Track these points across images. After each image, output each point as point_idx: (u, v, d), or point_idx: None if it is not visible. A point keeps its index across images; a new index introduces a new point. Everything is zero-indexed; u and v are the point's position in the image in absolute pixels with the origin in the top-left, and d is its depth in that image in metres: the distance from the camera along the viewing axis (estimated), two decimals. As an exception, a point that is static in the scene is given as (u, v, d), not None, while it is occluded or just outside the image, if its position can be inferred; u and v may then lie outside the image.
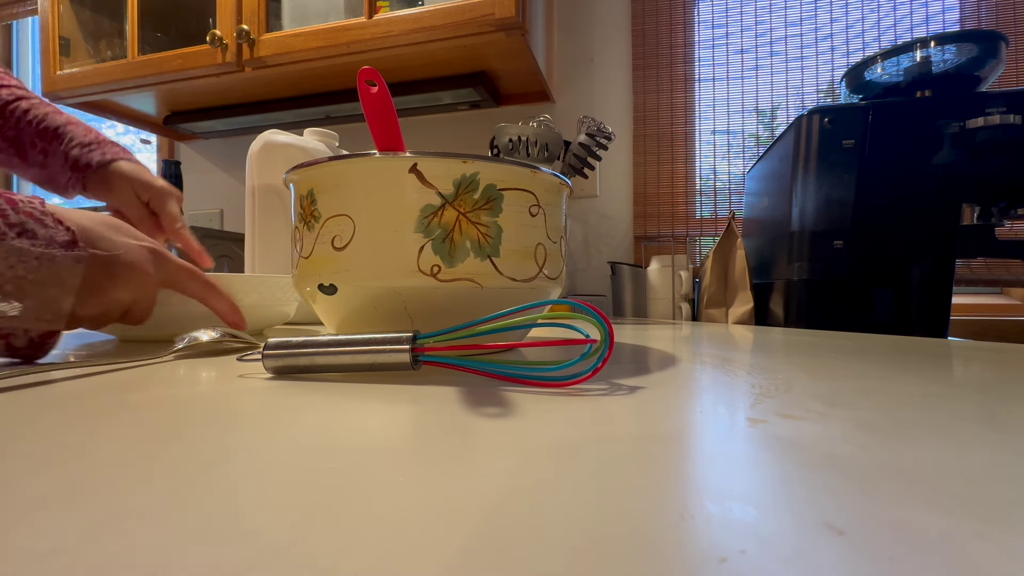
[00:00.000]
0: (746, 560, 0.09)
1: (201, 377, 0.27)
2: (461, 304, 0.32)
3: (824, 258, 0.75)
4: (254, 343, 0.38)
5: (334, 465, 0.14)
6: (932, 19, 1.09)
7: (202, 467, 0.14)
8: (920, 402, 0.22)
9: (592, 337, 0.24)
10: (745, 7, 1.19)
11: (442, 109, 1.27)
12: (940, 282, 0.71)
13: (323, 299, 0.33)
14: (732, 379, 0.27)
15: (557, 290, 0.36)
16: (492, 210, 0.31)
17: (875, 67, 0.80)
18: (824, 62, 1.14)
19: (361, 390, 0.24)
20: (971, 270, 0.97)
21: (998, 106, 0.68)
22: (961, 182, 0.71)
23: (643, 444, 0.16)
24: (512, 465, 0.14)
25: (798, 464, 0.14)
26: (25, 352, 0.31)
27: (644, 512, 0.11)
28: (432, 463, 0.14)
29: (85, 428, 0.17)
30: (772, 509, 0.11)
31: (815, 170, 0.75)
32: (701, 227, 1.21)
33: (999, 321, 0.97)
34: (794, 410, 0.20)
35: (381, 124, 0.33)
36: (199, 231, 1.12)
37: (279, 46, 1.05)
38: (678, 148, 1.21)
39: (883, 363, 0.33)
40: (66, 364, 0.28)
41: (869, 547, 0.09)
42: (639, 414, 0.19)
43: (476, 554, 0.09)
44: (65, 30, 1.25)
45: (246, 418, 0.19)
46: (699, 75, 1.21)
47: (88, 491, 0.12)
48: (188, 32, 1.21)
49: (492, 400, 0.22)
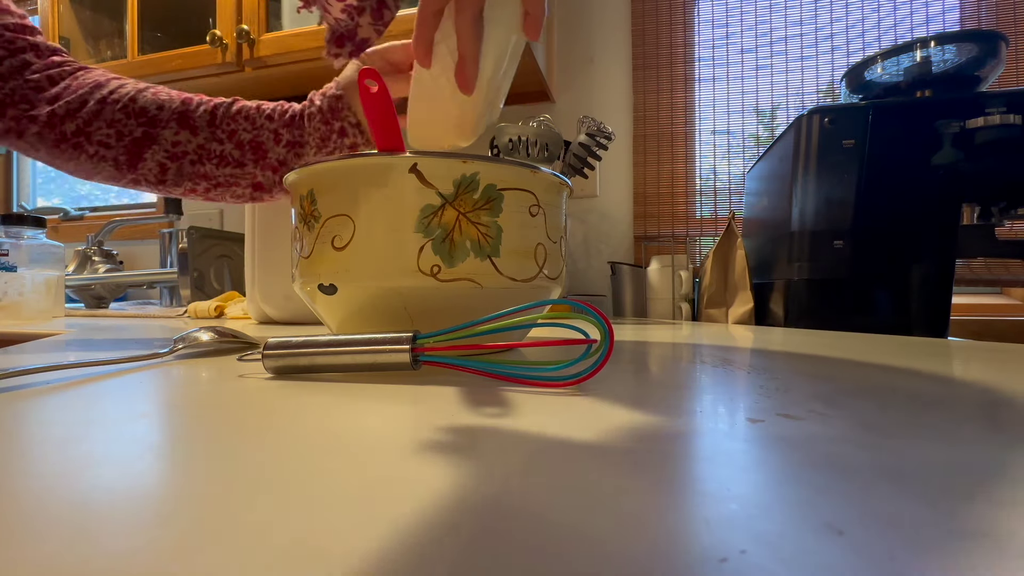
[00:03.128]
0: (746, 560, 0.09)
1: (201, 377, 0.27)
2: (461, 304, 0.32)
3: (824, 258, 0.74)
4: (254, 343, 0.38)
5: (334, 465, 0.14)
6: (932, 19, 1.09)
7: (202, 467, 0.14)
8: (920, 402, 0.22)
9: (592, 337, 0.24)
10: (745, 7, 1.19)
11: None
12: (940, 282, 0.71)
13: (323, 299, 0.33)
14: (732, 379, 0.27)
15: (557, 290, 0.36)
16: (492, 210, 0.31)
17: (875, 67, 0.80)
18: (824, 62, 1.14)
19: (361, 390, 0.24)
20: (971, 270, 0.97)
21: (998, 106, 0.68)
22: (961, 182, 0.71)
23: (643, 444, 0.16)
24: (512, 465, 0.14)
25: (798, 464, 0.14)
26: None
27: (644, 512, 0.11)
28: (432, 463, 0.14)
29: (86, 428, 0.17)
30: (772, 509, 0.11)
31: (815, 170, 0.75)
32: (701, 227, 1.21)
33: (999, 321, 0.97)
34: (794, 410, 0.20)
35: (381, 124, 0.33)
36: (199, 231, 1.12)
37: (279, 46, 1.05)
38: (678, 148, 1.21)
39: (883, 363, 0.33)
40: (66, 364, 0.28)
41: (869, 547, 0.09)
42: (639, 414, 0.19)
43: (476, 554, 0.09)
44: (65, 30, 1.25)
45: (246, 418, 0.19)
46: (699, 75, 1.21)
47: (107, 488, 0.12)
48: (188, 32, 1.21)
49: (492, 400, 0.22)
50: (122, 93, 0.48)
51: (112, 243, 1.55)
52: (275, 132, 0.49)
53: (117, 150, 0.47)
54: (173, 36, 1.24)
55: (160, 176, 0.49)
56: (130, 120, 0.47)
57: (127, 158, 0.48)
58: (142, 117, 0.47)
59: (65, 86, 0.47)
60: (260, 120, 0.49)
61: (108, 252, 1.37)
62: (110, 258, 1.37)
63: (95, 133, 0.47)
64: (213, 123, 0.48)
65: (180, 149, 0.48)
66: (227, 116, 0.49)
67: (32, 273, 0.85)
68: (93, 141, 0.47)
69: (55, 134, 0.46)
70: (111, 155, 0.47)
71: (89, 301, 1.28)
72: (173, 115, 0.48)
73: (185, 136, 0.48)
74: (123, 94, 0.48)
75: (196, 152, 0.48)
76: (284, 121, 0.49)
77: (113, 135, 0.47)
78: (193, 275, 1.09)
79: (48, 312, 0.87)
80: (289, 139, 0.49)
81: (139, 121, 0.47)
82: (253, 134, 0.49)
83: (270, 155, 0.49)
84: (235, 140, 0.49)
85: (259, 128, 0.49)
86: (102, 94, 0.47)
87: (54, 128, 0.46)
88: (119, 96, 0.48)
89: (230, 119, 0.49)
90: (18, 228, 0.86)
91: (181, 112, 0.48)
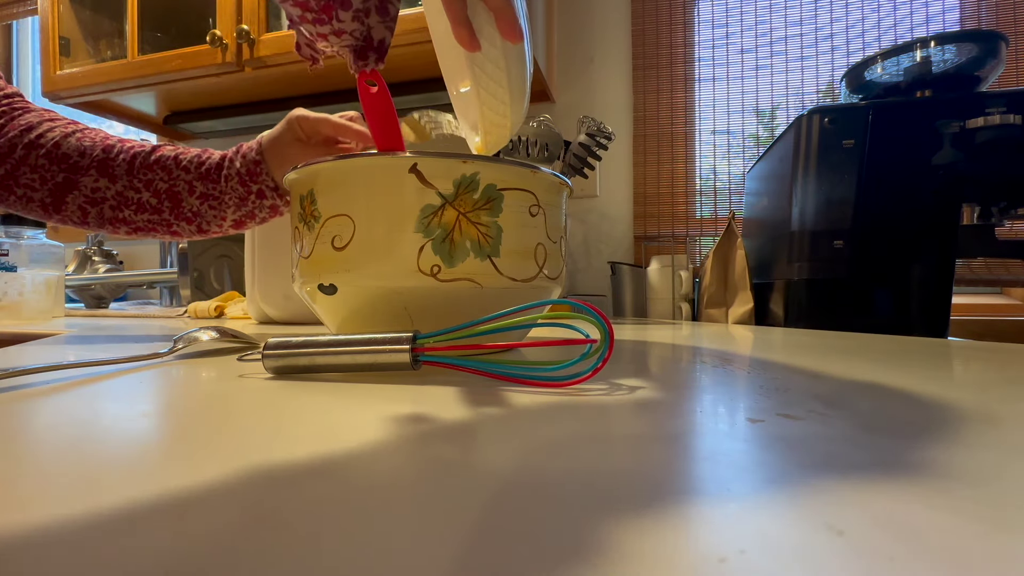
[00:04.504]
0: (746, 560, 0.09)
1: (201, 377, 0.27)
2: (461, 304, 0.32)
3: (824, 258, 0.74)
4: (254, 343, 0.38)
5: (334, 465, 0.14)
6: (932, 19, 1.09)
7: (202, 467, 0.14)
8: (920, 402, 0.22)
9: (592, 337, 0.24)
10: (745, 7, 1.18)
11: (442, 109, 1.26)
12: (940, 282, 0.71)
13: (323, 299, 0.33)
14: (732, 379, 0.27)
15: (557, 290, 0.36)
16: (492, 210, 0.31)
17: (875, 67, 0.80)
18: (824, 62, 1.14)
19: (361, 390, 0.24)
20: (971, 270, 0.97)
21: (998, 106, 0.68)
22: (961, 182, 0.71)
23: (643, 444, 0.16)
24: (512, 465, 0.14)
25: (798, 464, 0.14)
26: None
27: (644, 512, 0.11)
28: (432, 463, 0.14)
29: (86, 428, 0.17)
30: (772, 509, 0.11)
31: (815, 170, 0.75)
32: (701, 227, 1.21)
33: (999, 321, 0.97)
34: (794, 410, 0.20)
35: (381, 124, 0.33)
36: (199, 231, 1.12)
37: (279, 46, 1.05)
38: (678, 148, 1.21)
39: (883, 363, 0.33)
40: (66, 364, 0.28)
41: (869, 547, 0.09)
42: (639, 414, 0.19)
43: (476, 554, 0.09)
44: (65, 30, 1.25)
45: (246, 418, 0.19)
46: (699, 75, 1.21)
47: (107, 488, 0.12)
48: (188, 32, 1.21)
49: (492, 400, 0.22)
50: (48, 138, 0.49)
51: (112, 243, 1.55)
52: (190, 184, 0.50)
53: (42, 193, 0.49)
54: (173, 36, 1.24)
55: (82, 218, 0.50)
56: (52, 166, 0.48)
57: (51, 200, 0.49)
58: (64, 163, 0.48)
59: (0, 127, 0.48)
60: (176, 171, 0.50)
61: (108, 252, 1.37)
62: (110, 258, 1.37)
63: (21, 177, 0.48)
64: (131, 171, 0.49)
65: (99, 195, 0.49)
66: (145, 165, 0.49)
67: (32, 273, 0.85)
68: (20, 184, 0.48)
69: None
70: (37, 197, 0.49)
71: (89, 301, 1.28)
72: (93, 162, 0.49)
73: (104, 183, 0.49)
74: (49, 139, 0.49)
75: (115, 199, 0.49)
76: (200, 173, 0.50)
77: (37, 180, 0.48)
78: (193, 275, 1.09)
79: (48, 312, 0.87)
80: (203, 191, 0.50)
81: (61, 167, 0.48)
82: (169, 184, 0.50)
83: (184, 205, 0.50)
84: (152, 189, 0.49)
85: (175, 179, 0.50)
86: (30, 138, 0.48)
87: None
88: (45, 141, 0.48)
89: (147, 168, 0.49)
90: (18, 228, 0.86)
91: (101, 160, 0.49)
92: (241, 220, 0.52)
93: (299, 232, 0.35)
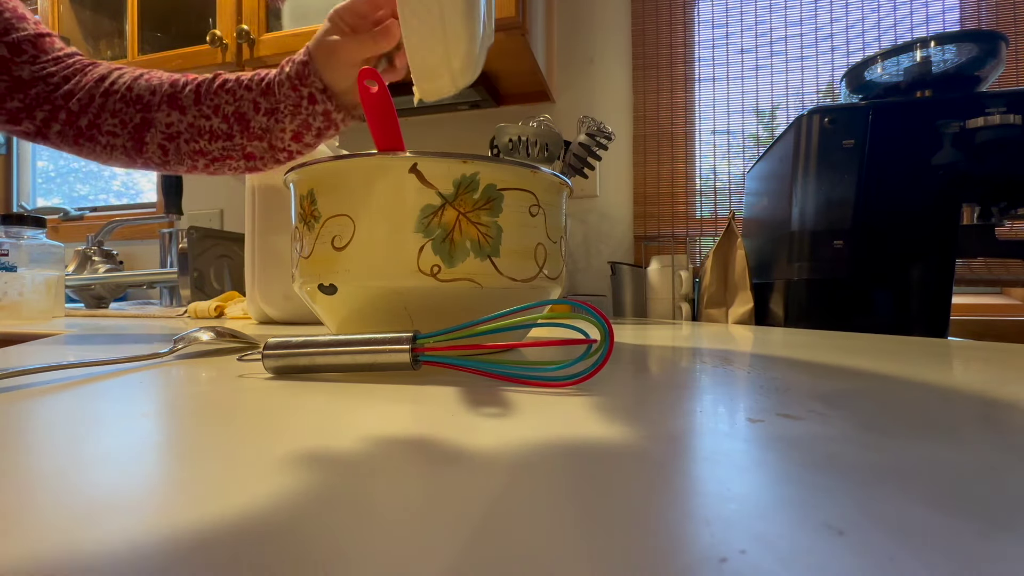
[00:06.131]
0: (746, 560, 0.09)
1: (201, 377, 0.27)
2: (461, 304, 0.32)
3: (824, 258, 0.74)
4: (254, 343, 0.38)
5: (334, 465, 0.14)
6: (932, 19, 1.09)
7: (202, 467, 0.14)
8: (920, 402, 0.22)
9: (592, 337, 0.24)
10: (745, 7, 1.18)
11: (442, 109, 1.26)
12: (940, 282, 0.71)
13: (323, 299, 0.33)
14: (732, 379, 0.27)
15: (557, 290, 0.36)
16: (492, 210, 0.31)
17: (875, 67, 0.80)
18: (824, 62, 1.14)
19: (361, 390, 0.24)
20: (971, 270, 0.97)
21: (998, 106, 0.68)
22: (961, 182, 0.71)
23: (643, 444, 0.16)
24: (512, 465, 0.14)
25: (798, 464, 0.14)
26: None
27: (644, 512, 0.11)
28: (432, 463, 0.14)
29: (86, 428, 0.17)
30: (772, 509, 0.11)
31: (815, 170, 0.75)
32: (701, 227, 1.21)
33: (999, 321, 0.97)
34: (794, 410, 0.20)
35: (381, 124, 0.33)
36: (199, 231, 1.12)
37: (279, 46, 1.05)
38: (678, 148, 1.21)
39: (884, 363, 0.33)
40: (66, 364, 0.28)
41: (869, 547, 0.09)
42: (639, 414, 0.19)
43: (476, 554, 0.09)
44: (65, 30, 1.25)
45: (246, 418, 0.19)
46: (699, 75, 1.21)
47: (106, 489, 0.12)
48: (188, 32, 1.21)
49: (492, 400, 0.22)
50: (121, 83, 0.50)
51: (112, 243, 1.55)
52: (254, 102, 0.51)
53: (124, 137, 0.50)
54: (173, 36, 1.24)
55: (163, 157, 0.52)
56: (129, 108, 0.50)
57: (133, 143, 0.51)
58: (138, 104, 0.50)
59: (76, 82, 0.50)
60: (239, 91, 0.51)
61: (108, 252, 1.37)
62: (110, 258, 1.37)
63: (104, 124, 0.50)
64: (199, 100, 0.50)
65: (173, 130, 0.50)
66: (210, 92, 0.51)
67: (32, 273, 0.85)
68: (104, 132, 0.50)
69: (73, 130, 0.50)
70: (119, 143, 0.51)
71: (89, 301, 1.28)
72: (164, 98, 0.50)
73: (176, 116, 0.50)
74: (121, 84, 0.50)
75: (188, 131, 0.51)
76: (260, 90, 0.51)
77: (118, 124, 0.50)
78: (193, 275, 1.09)
79: (48, 312, 0.87)
80: (266, 107, 0.51)
81: (136, 108, 0.50)
82: (235, 106, 0.51)
83: (253, 124, 0.51)
84: (220, 114, 0.51)
85: (239, 100, 0.51)
86: (105, 86, 0.50)
87: (72, 124, 0.50)
88: (118, 86, 0.50)
89: (213, 94, 0.51)
90: (18, 228, 0.86)
91: (170, 95, 0.50)
92: (298, 132, 0.52)
93: (299, 232, 0.35)
